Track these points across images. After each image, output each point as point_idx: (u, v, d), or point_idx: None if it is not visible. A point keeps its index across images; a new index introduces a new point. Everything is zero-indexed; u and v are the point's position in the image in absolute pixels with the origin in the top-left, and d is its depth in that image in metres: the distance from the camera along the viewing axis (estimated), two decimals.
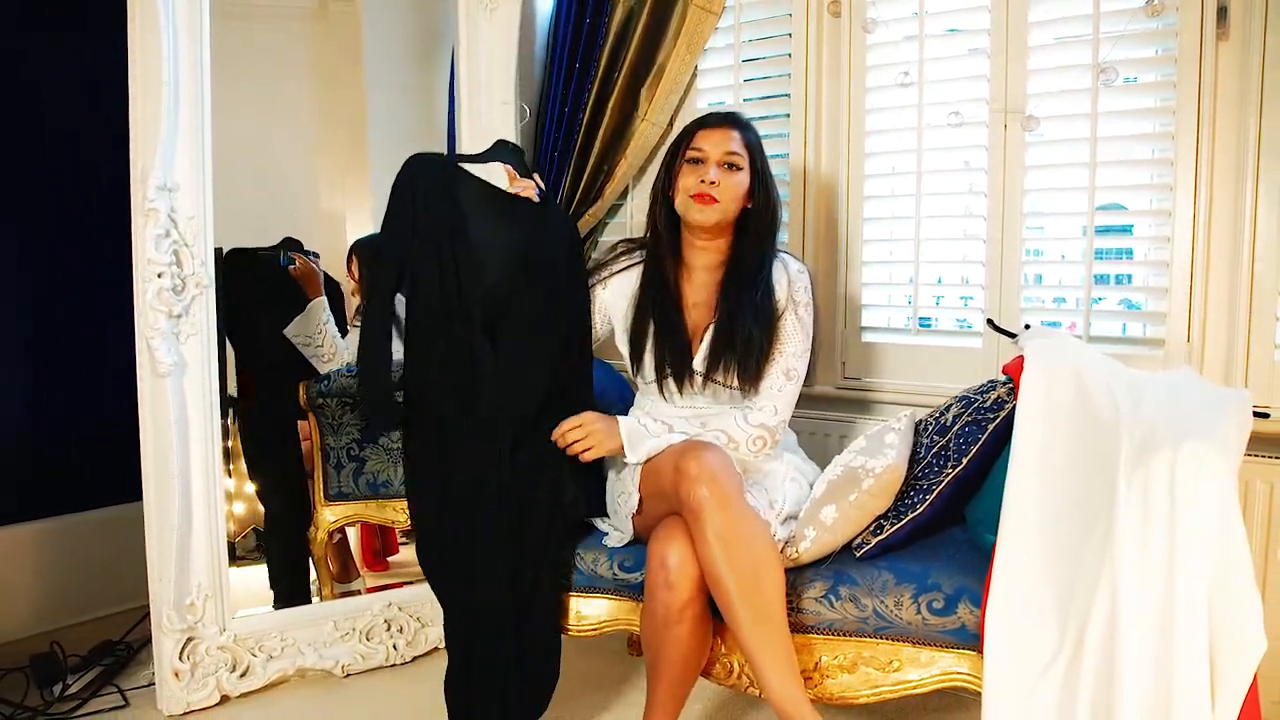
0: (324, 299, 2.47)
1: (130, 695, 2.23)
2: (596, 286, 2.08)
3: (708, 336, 1.94)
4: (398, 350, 1.92)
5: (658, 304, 1.98)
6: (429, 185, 1.87)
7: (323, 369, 2.49)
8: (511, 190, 1.99)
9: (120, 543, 2.55)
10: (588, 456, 1.88)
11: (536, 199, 2.00)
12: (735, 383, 1.91)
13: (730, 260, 1.99)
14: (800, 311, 1.94)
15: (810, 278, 2.00)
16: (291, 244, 2.48)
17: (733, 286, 1.95)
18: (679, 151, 1.97)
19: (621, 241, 2.14)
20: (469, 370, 1.86)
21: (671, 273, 2.01)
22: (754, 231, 1.96)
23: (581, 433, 1.88)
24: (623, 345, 2.03)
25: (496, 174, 2.02)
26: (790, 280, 1.95)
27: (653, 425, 1.89)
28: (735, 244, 2.00)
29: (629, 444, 1.85)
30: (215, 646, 2.19)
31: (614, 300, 2.06)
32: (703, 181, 1.90)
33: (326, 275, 2.51)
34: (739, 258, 1.97)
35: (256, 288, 2.31)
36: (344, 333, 2.51)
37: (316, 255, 2.50)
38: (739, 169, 1.92)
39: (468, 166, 1.95)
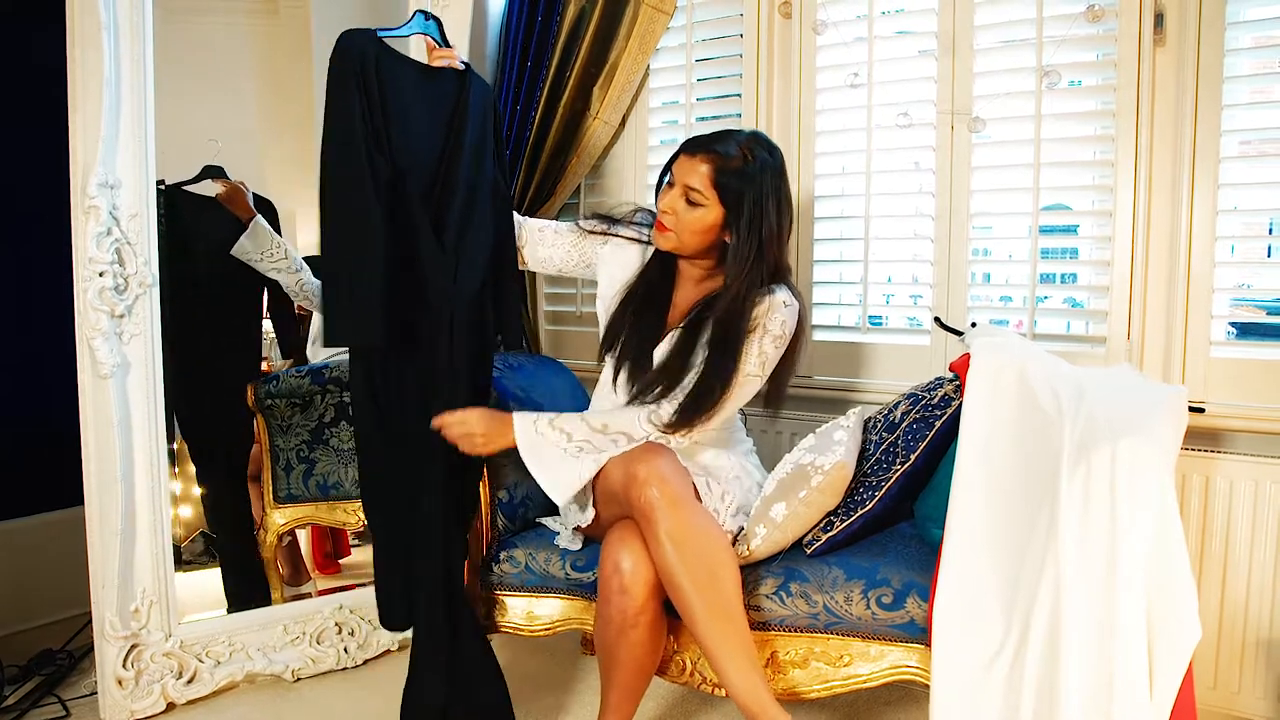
0: (259, 216, 2.41)
1: (71, 705, 2.17)
2: (597, 235, 2.02)
3: (670, 338, 1.90)
4: None
5: (642, 304, 1.93)
6: (364, 58, 1.72)
7: (288, 281, 2.46)
8: (433, 63, 1.88)
9: (61, 549, 2.48)
10: (472, 450, 1.79)
11: (461, 67, 1.88)
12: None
13: (717, 286, 1.89)
14: (764, 341, 1.82)
15: (797, 312, 1.85)
16: (213, 171, 2.39)
17: (701, 323, 1.86)
18: (665, 166, 1.89)
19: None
20: (413, 257, 1.77)
21: (665, 277, 1.95)
22: (733, 267, 1.81)
23: (462, 429, 1.78)
24: (601, 319, 1.98)
25: (416, 47, 1.93)
26: (769, 307, 1.82)
27: (552, 435, 1.79)
28: (721, 264, 1.89)
29: (528, 453, 1.78)
30: (160, 653, 2.15)
31: (605, 262, 2.00)
32: (663, 212, 1.84)
33: (256, 195, 2.44)
34: (720, 291, 1.85)
35: (188, 224, 2.23)
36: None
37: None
38: (699, 205, 1.80)
39: (390, 41, 1.81)
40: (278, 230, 2.47)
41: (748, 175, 1.78)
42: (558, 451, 1.78)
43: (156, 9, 2.07)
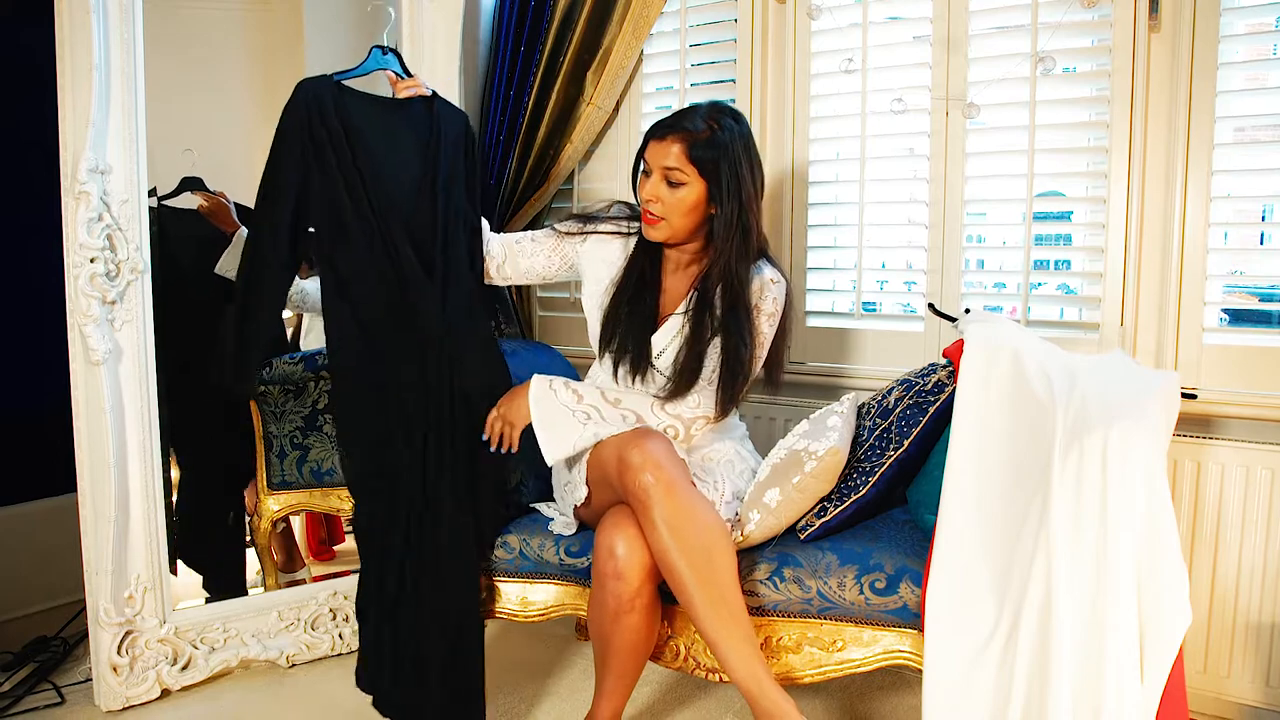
0: (244, 229, 2.37)
1: (66, 692, 2.17)
2: (575, 236, 2.02)
3: (670, 326, 1.90)
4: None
5: (635, 296, 1.93)
6: (321, 109, 1.80)
7: None
8: (400, 95, 1.94)
9: (54, 536, 2.48)
10: (513, 438, 1.87)
11: (427, 93, 1.94)
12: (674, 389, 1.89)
13: (705, 266, 1.91)
14: (760, 320, 1.88)
15: (785, 289, 1.92)
16: (192, 183, 2.38)
17: (705, 301, 1.88)
18: (636, 159, 1.90)
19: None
20: (398, 291, 1.82)
21: (653, 266, 1.96)
22: (720, 234, 1.84)
23: (500, 422, 1.87)
24: (593, 321, 1.98)
25: (379, 83, 1.97)
26: (762, 287, 1.88)
27: (564, 393, 1.86)
28: (707, 247, 1.92)
29: (536, 405, 1.84)
30: (155, 639, 2.15)
31: (588, 260, 2.00)
32: (647, 202, 1.86)
33: (238, 205, 2.42)
34: (711, 265, 1.88)
35: (167, 242, 2.24)
36: None
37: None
38: (681, 184, 1.82)
39: (350, 82, 1.88)
40: None
41: (719, 143, 1.80)
42: (565, 411, 1.83)
43: None
